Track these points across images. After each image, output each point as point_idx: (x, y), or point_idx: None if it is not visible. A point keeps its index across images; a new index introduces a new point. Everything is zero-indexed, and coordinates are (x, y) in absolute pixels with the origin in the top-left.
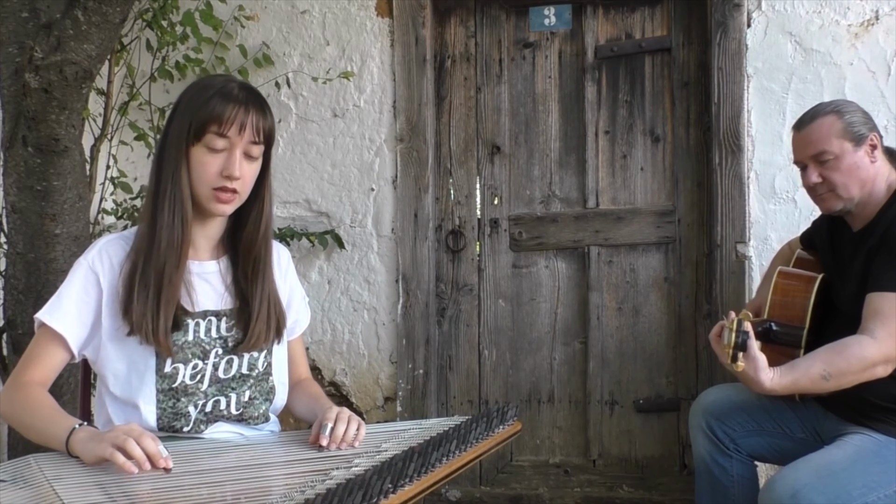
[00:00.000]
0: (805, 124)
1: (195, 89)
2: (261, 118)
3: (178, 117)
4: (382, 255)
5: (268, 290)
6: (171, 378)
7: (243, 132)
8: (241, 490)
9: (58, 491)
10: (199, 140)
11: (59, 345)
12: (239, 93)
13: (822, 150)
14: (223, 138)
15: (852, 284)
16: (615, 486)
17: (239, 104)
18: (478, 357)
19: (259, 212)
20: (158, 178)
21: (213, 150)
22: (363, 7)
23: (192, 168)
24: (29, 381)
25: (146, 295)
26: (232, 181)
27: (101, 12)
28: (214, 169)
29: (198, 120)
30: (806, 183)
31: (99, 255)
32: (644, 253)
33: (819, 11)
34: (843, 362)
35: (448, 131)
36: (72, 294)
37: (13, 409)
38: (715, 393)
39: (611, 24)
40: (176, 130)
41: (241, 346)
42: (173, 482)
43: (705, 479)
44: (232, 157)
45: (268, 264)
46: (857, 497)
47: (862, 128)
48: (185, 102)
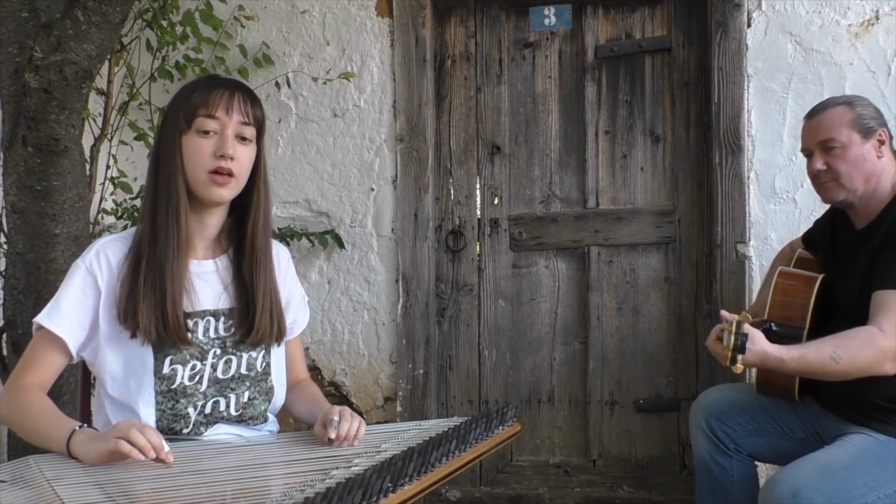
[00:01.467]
0: (816, 113)
1: (185, 89)
2: (248, 101)
3: (169, 116)
4: (382, 255)
5: (270, 288)
6: (169, 379)
7: (231, 112)
8: (241, 490)
9: (58, 491)
10: (190, 127)
11: (57, 348)
12: (224, 80)
13: (830, 138)
14: (212, 119)
15: (854, 283)
16: (615, 486)
17: (224, 87)
18: (478, 357)
19: (257, 205)
20: (156, 176)
21: (204, 133)
22: (363, 7)
23: (186, 157)
24: (28, 385)
25: (153, 295)
26: (226, 160)
27: (101, 12)
28: (208, 150)
29: (186, 109)
30: (810, 170)
31: (97, 257)
32: (644, 253)
33: (819, 11)
34: (855, 347)
35: (448, 131)
36: (70, 296)
37: (13, 413)
38: (715, 393)
39: (611, 24)
40: (168, 129)
41: (244, 345)
42: (173, 482)
43: (705, 479)
44: (224, 137)
45: (270, 261)
46: (857, 497)
47: (872, 122)
48: (175, 101)
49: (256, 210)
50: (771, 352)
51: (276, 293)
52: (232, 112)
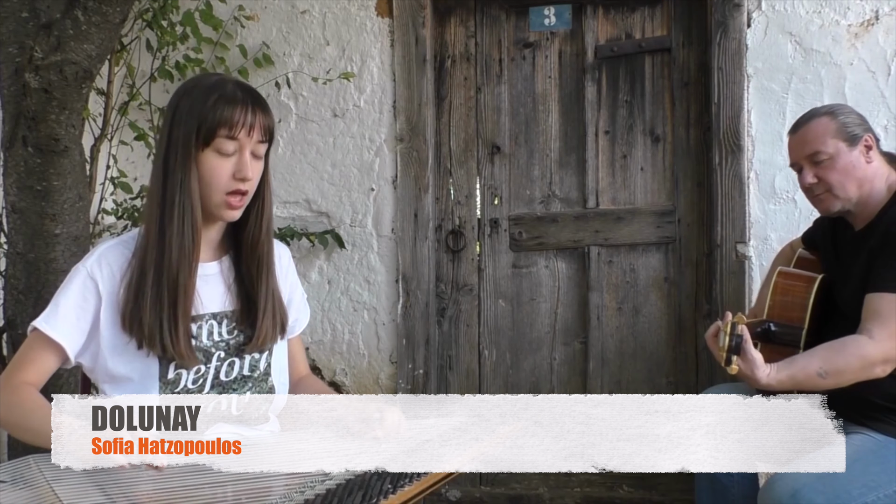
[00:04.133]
0: (800, 126)
1: (195, 93)
2: (265, 117)
3: (183, 122)
4: (382, 255)
5: (272, 288)
6: (173, 384)
7: (252, 133)
8: (241, 490)
9: (57, 492)
10: (209, 145)
11: (53, 351)
12: (242, 94)
13: (817, 151)
14: (233, 141)
15: (853, 284)
16: (615, 486)
17: (245, 106)
18: (478, 357)
19: (260, 209)
20: (164, 186)
21: (223, 153)
22: (363, 7)
23: (202, 175)
24: (21, 383)
25: (160, 307)
26: (245, 183)
27: (101, 12)
28: (227, 173)
29: (206, 125)
30: (803, 184)
31: (98, 263)
32: (644, 253)
33: (819, 11)
34: (841, 360)
35: (448, 131)
36: (69, 301)
37: (8, 411)
38: (714, 392)
39: (611, 24)
40: (182, 136)
41: (249, 347)
42: (173, 483)
43: (705, 479)
44: (243, 159)
45: (272, 261)
46: (857, 497)
47: (856, 128)
48: (187, 107)
49: (260, 213)
50: (761, 377)
51: (278, 295)
52: (253, 133)
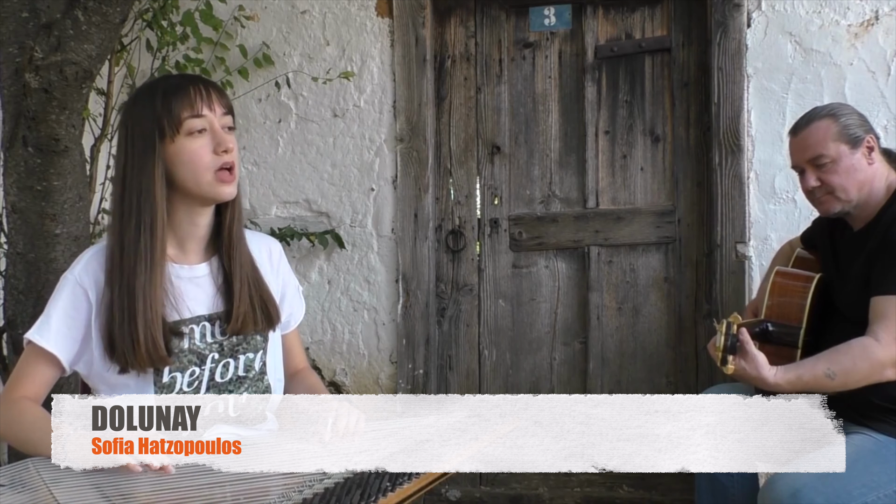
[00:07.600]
0: (801, 129)
1: (139, 101)
2: (217, 91)
3: (139, 130)
4: (382, 255)
5: (248, 270)
6: (168, 387)
7: (214, 106)
8: (239, 490)
9: (56, 495)
10: (178, 132)
11: (49, 362)
12: (186, 78)
13: (819, 154)
14: (200, 118)
15: (852, 285)
16: (615, 486)
17: (195, 84)
18: (478, 357)
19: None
20: (121, 197)
21: (195, 132)
22: (363, 7)
23: (182, 164)
24: (19, 398)
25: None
26: (228, 154)
27: (101, 12)
28: (207, 149)
29: (167, 117)
30: (804, 187)
31: (85, 270)
32: (644, 253)
33: (819, 11)
34: (849, 361)
35: (448, 131)
36: (59, 311)
37: (8, 427)
38: (714, 392)
39: (611, 24)
40: (137, 143)
41: (228, 329)
42: (171, 484)
43: (705, 479)
44: (216, 132)
45: (244, 245)
46: (857, 496)
47: (858, 130)
48: (139, 115)
49: (232, 200)
50: (767, 376)
51: (257, 280)
52: (214, 105)
